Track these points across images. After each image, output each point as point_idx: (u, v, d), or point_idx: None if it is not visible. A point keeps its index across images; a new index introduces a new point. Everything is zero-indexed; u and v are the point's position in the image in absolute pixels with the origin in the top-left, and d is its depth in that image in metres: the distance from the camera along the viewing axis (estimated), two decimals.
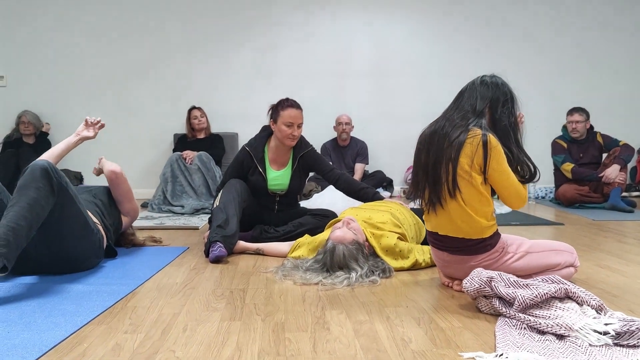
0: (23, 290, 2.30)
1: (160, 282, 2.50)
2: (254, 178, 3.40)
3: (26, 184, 2.32)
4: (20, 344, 1.68)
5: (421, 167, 2.31)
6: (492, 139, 2.17)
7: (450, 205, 2.22)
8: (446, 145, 2.20)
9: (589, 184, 5.28)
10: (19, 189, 2.32)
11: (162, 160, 6.18)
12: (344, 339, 1.75)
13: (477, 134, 2.17)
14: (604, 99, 6.71)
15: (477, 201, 2.21)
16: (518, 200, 2.26)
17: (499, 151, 2.18)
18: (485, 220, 2.23)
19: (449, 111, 2.31)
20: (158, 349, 1.67)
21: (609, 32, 6.74)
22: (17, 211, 2.22)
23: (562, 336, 1.73)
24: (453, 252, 2.29)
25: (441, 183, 2.21)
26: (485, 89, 2.28)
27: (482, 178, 2.20)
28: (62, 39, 6.34)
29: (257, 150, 3.43)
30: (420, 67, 6.64)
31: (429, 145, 2.27)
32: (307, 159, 3.48)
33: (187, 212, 4.86)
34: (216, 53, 6.48)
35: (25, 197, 2.28)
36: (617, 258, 3.00)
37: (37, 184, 2.33)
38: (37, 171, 2.36)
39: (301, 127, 3.37)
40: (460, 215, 2.21)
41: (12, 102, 6.27)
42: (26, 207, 2.25)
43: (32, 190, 2.30)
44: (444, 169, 2.20)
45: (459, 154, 2.17)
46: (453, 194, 2.19)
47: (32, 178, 2.34)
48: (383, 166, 6.51)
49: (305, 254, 2.86)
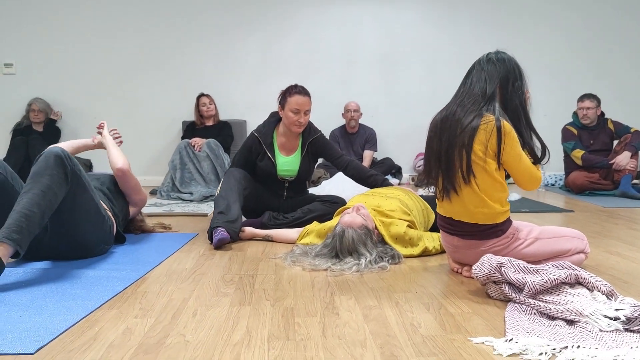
0: (34, 276, 2.32)
1: (170, 267, 2.51)
2: (263, 164, 3.40)
3: (40, 171, 2.33)
4: (32, 328, 1.70)
5: (434, 154, 2.29)
6: (506, 125, 2.15)
7: (465, 191, 2.21)
8: (459, 132, 2.17)
9: (600, 171, 5.24)
10: (32, 176, 2.33)
11: (170, 147, 6.20)
12: (353, 324, 1.76)
13: (491, 120, 2.15)
14: (615, 86, 6.64)
15: (491, 187, 2.19)
16: (533, 183, 2.25)
17: (513, 137, 2.16)
18: (499, 205, 2.22)
19: (459, 96, 2.28)
20: (168, 333, 1.68)
21: (621, 18, 6.66)
22: (30, 198, 2.24)
23: (572, 322, 1.72)
24: (464, 236, 2.28)
25: (455, 169, 2.20)
26: (493, 67, 2.24)
27: (496, 164, 2.18)
28: (72, 26, 6.34)
29: (266, 136, 3.43)
30: (428, 53, 6.60)
31: (441, 132, 2.24)
32: (316, 144, 3.47)
33: (196, 199, 4.87)
34: (225, 40, 6.46)
35: (38, 184, 2.29)
36: (628, 245, 2.98)
37: (51, 171, 2.34)
38: (51, 158, 2.37)
39: (308, 114, 3.36)
40: (474, 201, 2.20)
41: (21, 90, 6.29)
42: (40, 194, 2.26)
43: (45, 177, 2.31)
44: (457, 156, 2.18)
45: (473, 140, 2.15)
46: (467, 179, 2.18)
47: (45, 165, 2.35)
48: (391, 153, 6.50)
49: (314, 241, 2.86)
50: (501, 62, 2.25)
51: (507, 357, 1.49)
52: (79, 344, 1.60)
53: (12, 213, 2.19)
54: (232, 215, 3.01)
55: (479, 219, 2.22)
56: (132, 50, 6.41)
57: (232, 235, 2.96)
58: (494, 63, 2.25)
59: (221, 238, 2.87)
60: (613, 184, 5.20)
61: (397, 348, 1.56)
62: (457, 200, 2.24)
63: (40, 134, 5.92)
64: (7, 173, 2.49)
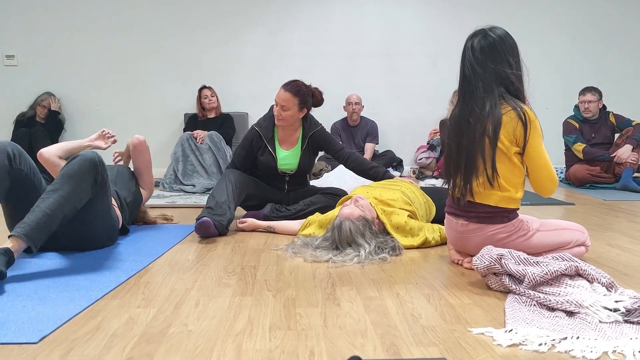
0: (37, 266, 2.34)
1: (173, 258, 2.53)
2: (263, 158, 3.40)
3: (72, 173, 2.36)
4: (35, 317, 1.72)
5: (452, 161, 2.27)
6: (530, 113, 2.15)
7: (485, 191, 2.22)
8: (479, 135, 2.16)
9: (601, 164, 5.24)
10: (63, 176, 2.35)
11: (173, 139, 6.21)
12: (354, 314, 1.77)
13: (510, 109, 2.15)
14: (617, 79, 6.63)
15: (510, 172, 2.20)
16: (551, 184, 2.22)
17: (537, 126, 2.16)
18: (514, 190, 2.22)
19: (466, 93, 2.23)
20: (171, 322, 1.70)
21: (623, 11, 6.64)
22: (56, 199, 2.26)
23: (572, 313, 1.73)
24: (470, 218, 2.28)
25: (478, 172, 2.19)
26: (482, 55, 2.18)
27: (516, 150, 2.17)
28: (74, 18, 6.34)
29: (267, 130, 3.43)
30: (431, 46, 6.58)
31: (459, 137, 2.22)
32: (316, 138, 3.48)
33: (198, 191, 4.89)
34: (227, 33, 6.45)
35: (67, 186, 2.32)
36: (628, 237, 2.99)
37: (84, 175, 2.38)
38: (87, 163, 2.41)
39: (287, 111, 3.30)
40: (490, 185, 2.21)
41: (23, 81, 6.30)
42: (66, 196, 2.29)
43: (76, 180, 2.34)
44: (480, 156, 2.17)
45: (499, 132, 2.14)
46: (492, 181, 2.17)
47: (79, 168, 2.38)
48: (393, 146, 6.50)
49: (316, 232, 2.87)
50: (485, 41, 2.20)
51: (507, 347, 1.50)
52: (81, 333, 1.61)
53: (36, 210, 2.21)
54: (220, 210, 3.01)
55: (491, 200, 2.23)
56: (134, 42, 6.40)
57: (217, 225, 2.94)
58: (480, 45, 2.19)
59: (202, 222, 2.88)
60: (614, 177, 5.20)
61: (397, 338, 1.57)
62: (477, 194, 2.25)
63: (43, 126, 5.93)
64: (30, 169, 2.48)
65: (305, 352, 1.48)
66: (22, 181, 2.42)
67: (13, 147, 2.39)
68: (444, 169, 2.37)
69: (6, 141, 2.41)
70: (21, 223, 2.17)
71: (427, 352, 1.47)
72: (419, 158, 6.34)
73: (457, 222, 2.34)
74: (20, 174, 2.40)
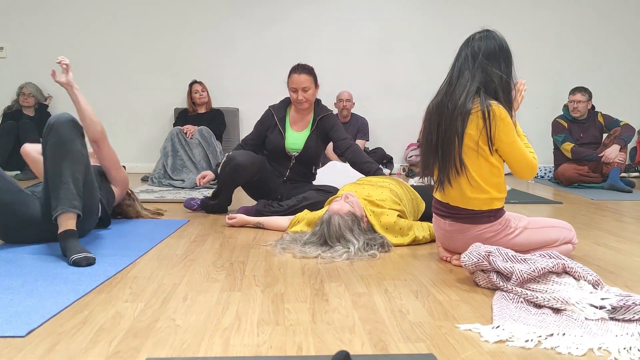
0: (24, 259, 2.32)
1: (161, 253, 2.52)
2: (272, 136, 3.55)
3: (63, 138, 2.48)
4: (23, 311, 1.70)
5: (431, 147, 2.29)
6: (497, 109, 2.15)
7: (460, 180, 2.23)
8: (451, 122, 2.19)
9: (589, 163, 5.28)
10: (56, 144, 2.47)
11: (162, 134, 6.17)
12: (342, 310, 1.77)
13: (478, 106, 2.16)
14: (605, 79, 6.68)
15: (488, 172, 2.22)
16: (528, 171, 2.26)
17: (507, 122, 2.16)
18: (496, 191, 2.24)
19: (449, 82, 2.28)
20: (158, 317, 1.69)
21: (614, 11, 6.68)
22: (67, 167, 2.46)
23: (558, 310, 1.74)
24: (457, 219, 2.30)
25: (450, 161, 2.21)
26: (477, 48, 2.24)
27: (489, 150, 2.18)
28: (63, 11, 6.28)
29: (280, 110, 3.60)
30: (421, 44, 6.59)
31: (438, 123, 2.25)
32: (325, 121, 3.58)
33: (188, 186, 4.87)
34: (218, 28, 6.43)
35: (67, 152, 2.48)
36: (615, 236, 3.01)
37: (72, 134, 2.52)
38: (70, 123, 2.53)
39: (308, 91, 3.48)
40: (470, 187, 2.22)
41: (11, 73, 6.24)
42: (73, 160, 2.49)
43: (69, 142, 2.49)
44: (452, 145, 2.19)
45: (466, 126, 2.16)
46: (460, 171, 2.20)
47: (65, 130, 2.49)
48: (383, 143, 6.51)
49: (304, 229, 2.87)
50: (485, 40, 2.25)
51: (494, 343, 1.51)
52: (68, 327, 1.60)
53: (60, 185, 2.39)
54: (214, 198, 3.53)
55: (474, 205, 2.24)
56: (124, 36, 6.36)
57: (202, 202, 3.60)
58: (478, 43, 2.25)
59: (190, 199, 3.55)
60: (602, 177, 5.24)
61: (385, 334, 1.58)
62: (455, 187, 2.26)
63: (31, 119, 5.87)
64: None
65: (293, 347, 1.48)
66: None
67: None
68: (422, 157, 2.37)
69: None
70: (57, 202, 2.37)
71: (414, 348, 1.48)
72: (409, 155, 6.36)
73: (445, 222, 2.35)
74: None
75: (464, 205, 2.26)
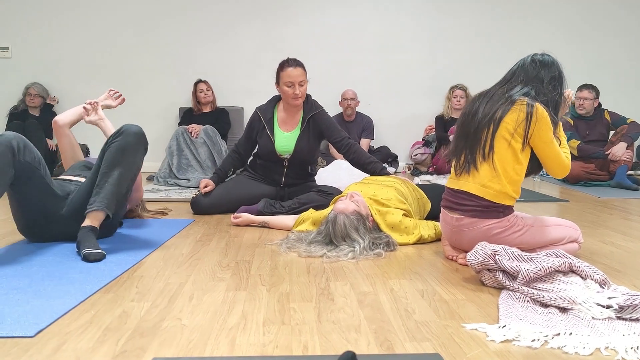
0: (31, 259, 2.33)
1: (167, 252, 2.52)
2: (262, 141, 3.44)
3: (127, 147, 2.57)
4: (31, 311, 1.71)
5: (463, 132, 2.36)
6: (540, 109, 2.22)
7: (483, 166, 2.26)
8: (491, 108, 2.27)
9: (595, 161, 5.25)
10: (119, 150, 2.55)
11: (168, 133, 6.18)
12: (348, 309, 1.77)
13: (524, 102, 2.23)
14: (612, 76, 6.64)
15: (510, 164, 2.25)
16: (561, 169, 2.35)
17: (546, 122, 2.23)
18: (511, 188, 2.26)
19: (499, 84, 2.39)
20: (164, 316, 1.70)
21: (619, 8, 6.65)
22: (120, 172, 2.53)
23: (565, 309, 1.74)
24: (466, 212, 2.29)
25: (479, 145, 2.27)
26: (533, 66, 2.35)
27: (522, 145, 2.24)
28: (68, 10, 6.30)
29: (266, 111, 3.47)
30: (426, 42, 6.58)
31: (476, 109, 2.33)
32: (317, 120, 3.45)
33: (193, 185, 4.88)
34: (223, 27, 6.43)
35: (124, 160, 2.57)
36: (622, 235, 3.00)
37: (136, 147, 2.60)
38: (138, 135, 2.61)
39: (304, 85, 3.37)
40: (489, 175, 2.25)
41: (16, 74, 6.26)
42: (127, 168, 2.58)
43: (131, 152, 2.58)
44: (485, 130, 2.26)
45: (504, 115, 2.24)
46: (487, 156, 2.25)
47: (132, 140, 2.58)
48: (388, 142, 6.50)
49: (310, 228, 2.87)
50: (543, 64, 2.36)
51: (500, 343, 1.51)
52: (75, 327, 1.61)
53: (104, 184, 2.48)
54: None
55: (488, 194, 2.25)
56: (129, 35, 6.37)
57: None
58: (536, 63, 2.36)
59: None
60: (608, 175, 5.21)
61: (391, 333, 1.57)
62: (474, 174, 2.28)
63: (37, 118, 5.90)
64: (35, 159, 2.49)
65: (299, 346, 1.48)
66: (28, 171, 2.45)
67: (19, 140, 2.42)
68: (454, 140, 2.43)
69: (12, 134, 2.43)
70: (96, 197, 2.44)
71: (420, 348, 1.48)
72: (414, 154, 6.35)
73: (452, 217, 2.35)
74: (26, 165, 2.43)
75: (478, 192, 2.26)
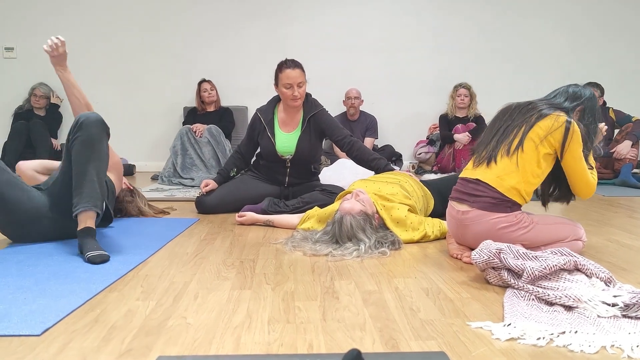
0: (37, 258, 2.34)
1: (172, 251, 2.53)
2: (263, 142, 3.44)
3: (92, 137, 2.52)
4: (37, 310, 1.72)
5: (494, 130, 2.39)
6: (576, 125, 2.27)
7: (502, 161, 2.28)
8: (525, 114, 2.32)
9: (600, 159, 5.24)
10: (85, 143, 2.51)
11: (172, 133, 6.19)
12: (353, 308, 1.77)
13: (562, 116, 2.27)
14: (617, 74, 6.62)
15: (529, 169, 2.26)
16: (587, 189, 2.37)
17: (578, 138, 2.26)
18: (523, 188, 2.26)
19: (550, 94, 2.48)
20: (170, 315, 1.70)
21: (623, 6, 6.62)
22: (94, 167, 2.51)
23: (570, 307, 1.73)
24: (474, 203, 2.29)
25: (506, 142, 2.30)
26: (576, 93, 2.42)
27: (553, 155, 2.29)
28: (73, 11, 6.31)
29: (267, 113, 3.47)
30: (430, 41, 6.57)
31: (508, 115, 2.38)
32: (317, 119, 3.45)
33: (197, 184, 4.88)
34: (227, 26, 6.43)
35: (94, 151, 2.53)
36: (627, 233, 2.99)
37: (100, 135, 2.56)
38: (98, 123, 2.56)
39: (303, 86, 3.36)
40: (507, 169, 2.26)
41: (22, 74, 6.28)
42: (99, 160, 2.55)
43: (97, 142, 2.53)
44: (514, 131, 2.30)
45: (538, 121, 2.27)
46: (513, 151, 2.27)
47: (95, 130, 2.53)
48: (392, 141, 6.49)
49: (315, 226, 2.87)
50: (583, 92, 2.43)
51: (505, 341, 1.51)
52: (80, 325, 1.62)
53: (83, 183, 2.43)
54: None
55: (500, 186, 2.26)
56: (133, 35, 6.38)
57: None
58: (577, 91, 2.44)
59: None
60: (613, 173, 5.20)
61: (396, 332, 1.57)
62: (492, 167, 2.30)
63: (42, 118, 5.91)
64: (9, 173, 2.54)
65: (304, 345, 1.48)
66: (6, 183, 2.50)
67: None
68: (481, 138, 2.46)
69: None
70: (79, 199, 2.41)
71: (425, 346, 1.48)
72: (418, 153, 6.34)
73: (459, 210, 2.34)
74: None
75: (493, 183, 2.28)
